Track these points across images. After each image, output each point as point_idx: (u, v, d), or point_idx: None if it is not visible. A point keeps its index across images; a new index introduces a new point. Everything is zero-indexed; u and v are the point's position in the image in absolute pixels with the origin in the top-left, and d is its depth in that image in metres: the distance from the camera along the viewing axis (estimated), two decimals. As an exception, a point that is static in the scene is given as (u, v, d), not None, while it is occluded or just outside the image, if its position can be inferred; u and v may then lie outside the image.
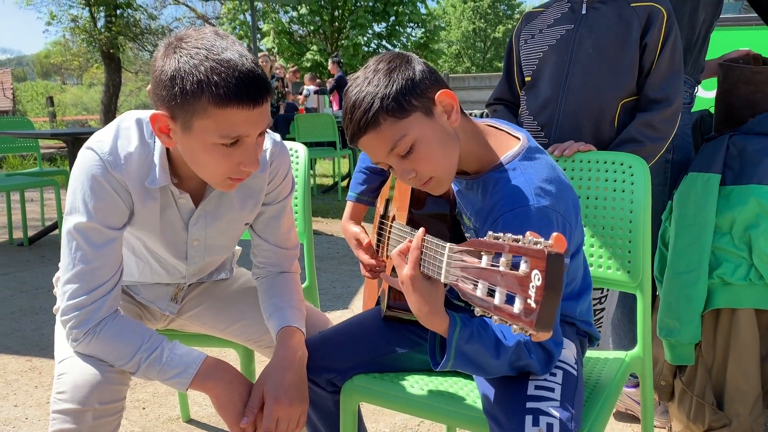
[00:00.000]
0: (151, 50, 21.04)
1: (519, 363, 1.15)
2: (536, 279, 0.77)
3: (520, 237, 0.82)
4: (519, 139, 1.29)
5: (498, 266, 0.84)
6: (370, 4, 19.13)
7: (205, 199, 1.42)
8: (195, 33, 1.19)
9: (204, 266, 1.61)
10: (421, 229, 1.10)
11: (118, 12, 18.55)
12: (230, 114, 1.15)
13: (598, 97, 1.87)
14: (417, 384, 1.41)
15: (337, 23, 20.00)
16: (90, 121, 19.71)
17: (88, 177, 1.28)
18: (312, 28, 19.86)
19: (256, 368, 1.77)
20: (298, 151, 2.04)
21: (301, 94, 11.17)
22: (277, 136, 1.52)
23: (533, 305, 0.77)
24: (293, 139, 5.45)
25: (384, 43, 20.62)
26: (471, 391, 1.38)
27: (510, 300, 0.82)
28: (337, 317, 3.47)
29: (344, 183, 8.39)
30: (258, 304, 1.61)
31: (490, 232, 0.87)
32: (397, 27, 20.01)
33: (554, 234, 0.78)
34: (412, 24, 20.48)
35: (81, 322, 1.29)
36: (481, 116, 2.14)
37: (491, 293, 0.86)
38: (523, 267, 0.79)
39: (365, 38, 19.69)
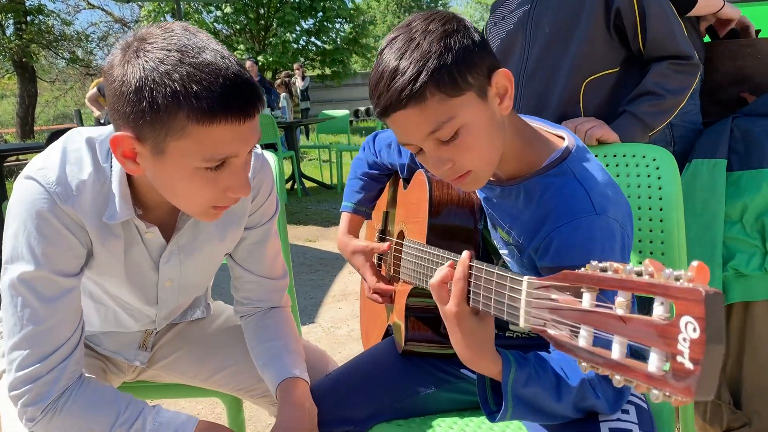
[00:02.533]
0: (67, 57, 20.01)
1: (584, 404, 0.97)
2: (689, 329, 0.57)
3: (641, 268, 0.62)
4: (563, 138, 1.10)
5: (610, 307, 0.65)
6: (296, 0, 18.74)
7: (177, 231, 1.17)
8: (160, 31, 0.95)
9: (177, 308, 1.35)
10: (466, 254, 0.91)
11: (29, 18, 17.48)
12: (215, 131, 0.92)
13: (556, 78, 1.71)
14: (451, 429, 1.20)
15: (263, 21, 19.49)
16: (5, 135, 18.57)
17: (33, 214, 1.01)
18: (237, 27, 19.30)
19: (245, 418, 1.53)
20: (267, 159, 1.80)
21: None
22: (257, 147, 1.28)
23: (689, 366, 0.57)
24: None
25: (313, 39, 20.26)
26: (515, 432, 1.19)
27: (637, 354, 0.62)
28: (304, 333, 3.24)
29: (288, 185, 8.09)
30: (245, 345, 1.37)
31: (593, 263, 0.67)
32: (325, 23, 19.66)
33: (695, 263, 0.59)
34: (340, 19, 20.18)
35: (37, 398, 1.03)
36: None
37: (602, 343, 0.66)
38: (660, 311, 0.59)
39: (293, 35, 19.26)
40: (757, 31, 2.17)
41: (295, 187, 7.93)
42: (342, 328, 3.36)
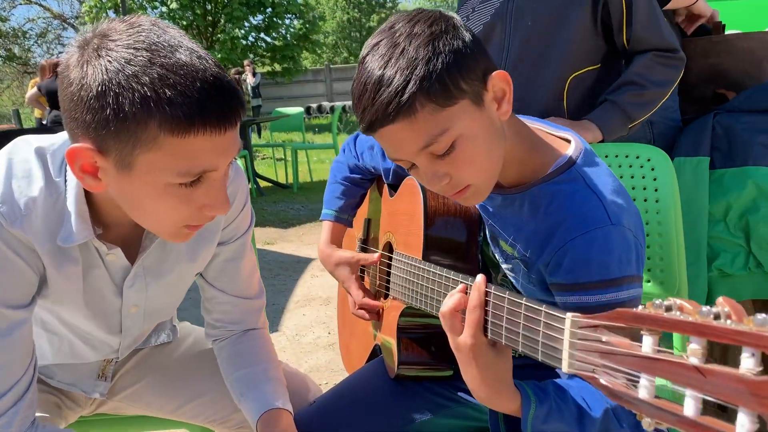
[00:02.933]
0: (3, 55, 19.15)
1: None
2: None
3: (718, 309, 0.54)
4: (569, 141, 1.01)
5: (683, 358, 0.56)
6: (245, -5, 18.38)
7: (143, 251, 1.04)
8: (124, 26, 0.82)
9: (141, 335, 1.22)
10: (481, 278, 0.81)
11: (-40, 15, 16.66)
12: (192, 143, 0.80)
13: (540, 73, 1.63)
14: (452, 460, 1.11)
15: (210, 17, 19.04)
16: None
17: None
18: (184, 23, 18.80)
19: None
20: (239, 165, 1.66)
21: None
22: None
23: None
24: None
25: (262, 35, 19.90)
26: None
27: (722, 411, 0.53)
28: (270, 343, 3.10)
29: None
30: (219, 371, 1.24)
31: (656, 301, 0.58)
32: (274, 18, 19.32)
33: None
34: (289, 15, 19.88)
35: (-18, 449, 0.89)
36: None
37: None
38: (750, 364, 0.51)
39: (242, 31, 18.88)
40: (723, 26, 2.15)
41: (250, 187, 7.73)
42: (307, 336, 3.24)
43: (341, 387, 1.21)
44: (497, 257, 1.08)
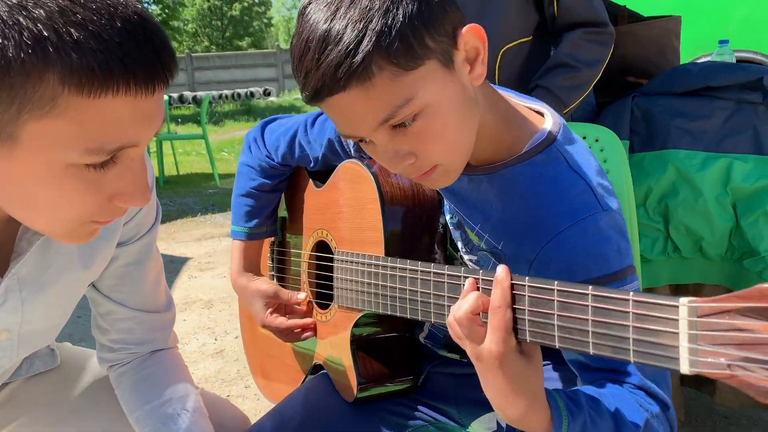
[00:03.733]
0: None
1: None
2: None
3: None
4: (542, 114, 0.88)
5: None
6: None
7: (18, 258, 0.78)
8: None
9: (12, 367, 0.94)
10: (503, 269, 0.66)
11: None
12: (109, 106, 0.58)
13: None
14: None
15: None
16: None
17: None
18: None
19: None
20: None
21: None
22: None
23: None
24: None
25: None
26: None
27: None
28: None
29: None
30: (114, 400, 0.99)
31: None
32: (129, 2, 18.15)
33: None
34: (148, 0, 18.75)
35: None
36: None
37: None
38: None
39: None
40: (623, 15, 2.15)
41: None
42: (191, 344, 2.93)
43: (279, 414, 1.00)
44: (461, 247, 0.92)
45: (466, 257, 0.92)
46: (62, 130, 0.57)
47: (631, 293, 0.55)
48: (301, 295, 1.10)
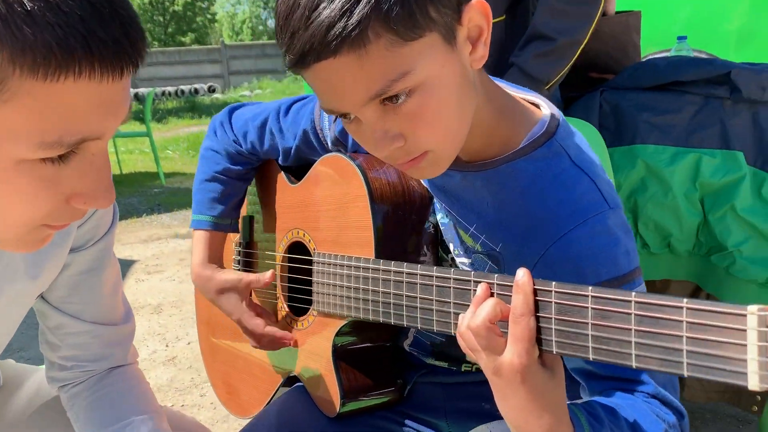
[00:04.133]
0: None
1: None
2: None
3: None
4: (538, 105, 0.82)
5: None
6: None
7: None
8: None
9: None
10: (524, 273, 0.61)
11: None
12: (69, 92, 0.50)
13: None
14: None
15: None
16: None
17: None
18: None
19: None
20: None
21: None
22: None
23: None
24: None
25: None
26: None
27: None
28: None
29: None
30: (65, 421, 0.89)
31: None
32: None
33: None
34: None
35: None
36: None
37: None
38: None
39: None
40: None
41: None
42: (141, 351, 2.78)
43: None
44: (452, 249, 0.86)
45: (458, 260, 0.86)
46: (12, 119, 0.48)
47: (685, 300, 0.50)
48: (268, 273, 1.01)
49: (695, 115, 1.71)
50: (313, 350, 0.95)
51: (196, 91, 17.84)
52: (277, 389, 1.05)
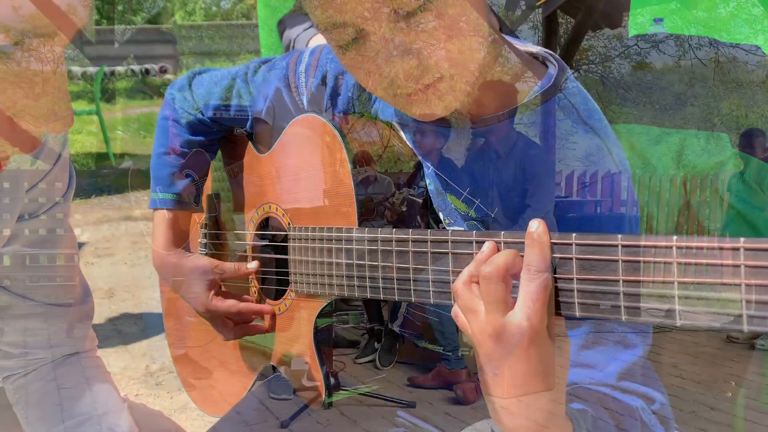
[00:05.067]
0: None
1: None
2: None
3: None
4: (545, 61, 0.79)
5: None
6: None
7: None
8: None
9: None
10: (538, 221, 0.52)
11: None
12: None
13: None
14: None
15: None
16: None
17: None
18: None
19: None
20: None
21: None
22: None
23: None
24: None
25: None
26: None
27: None
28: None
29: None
30: (10, 418, 0.78)
31: None
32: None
33: None
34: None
35: None
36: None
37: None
38: None
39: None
40: None
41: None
42: (91, 337, 2.64)
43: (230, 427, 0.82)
44: (444, 219, 0.79)
45: (451, 228, 0.78)
46: None
47: (742, 240, 0.41)
48: (252, 264, 0.91)
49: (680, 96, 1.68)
50: (293, 336, 0.85)
51: (147, 71, 17.34)
52: (254, 383, 0.95)
